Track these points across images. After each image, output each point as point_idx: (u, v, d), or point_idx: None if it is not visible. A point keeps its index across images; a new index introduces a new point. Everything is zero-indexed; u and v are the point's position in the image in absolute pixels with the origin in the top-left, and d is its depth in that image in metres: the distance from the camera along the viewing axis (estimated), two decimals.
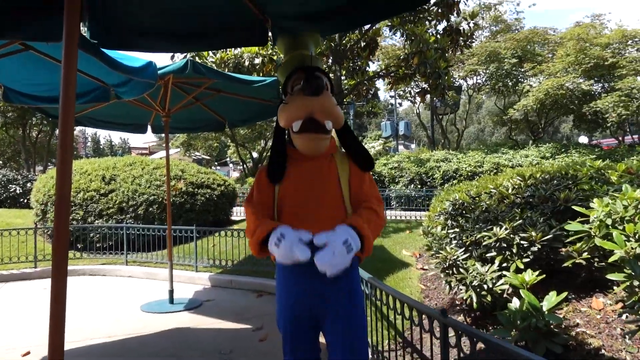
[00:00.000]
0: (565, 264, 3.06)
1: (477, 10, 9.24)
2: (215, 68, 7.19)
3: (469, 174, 13.87)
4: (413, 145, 43.26)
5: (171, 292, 5.55)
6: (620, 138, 20.51)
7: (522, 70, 21.84)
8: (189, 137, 33.89)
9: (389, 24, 9.84)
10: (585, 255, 3.02)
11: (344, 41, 9.34)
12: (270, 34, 2.65)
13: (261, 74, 8.71)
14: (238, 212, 12.49)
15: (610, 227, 2.66)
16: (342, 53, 9.33)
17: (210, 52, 8.40)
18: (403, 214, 12.72)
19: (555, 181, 3.67)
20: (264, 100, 5.67)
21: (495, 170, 13.53)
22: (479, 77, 24.32)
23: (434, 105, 26.14)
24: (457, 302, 3.79)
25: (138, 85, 3.61)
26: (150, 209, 8.89)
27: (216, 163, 46.80)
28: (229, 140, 31.68)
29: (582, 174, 3.76)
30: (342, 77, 10.00)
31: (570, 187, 3.52)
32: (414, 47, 8.69)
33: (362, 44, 9.84)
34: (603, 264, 2.89)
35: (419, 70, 8.74)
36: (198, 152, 39.08)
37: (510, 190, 3.83)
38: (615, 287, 2.92)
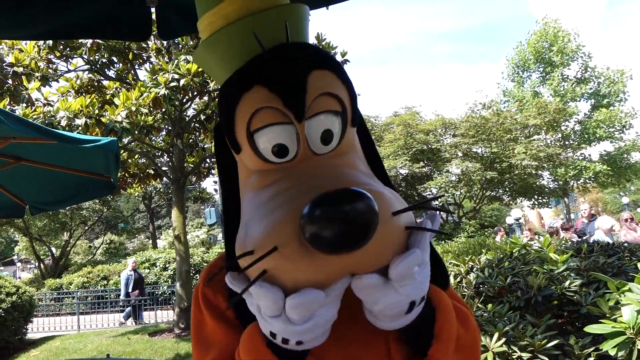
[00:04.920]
0: None
1: None
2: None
3: None
4: None
5: None
6: (443, 216, 22.49)
7: None
8: None
9: None
10: None
11: (186, 108, 8.05)
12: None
13: None
14: (37, 327, 9.59)
15: None
16: (184, 124, 8.00)
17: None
18: None
19: (507, 262, 2.96)
20: (92, 173, 4.11)
21: None
22: None
23: None
24: None
25: None
26: None
27: None
28: (19, 234, 25.62)
29: (532, 253, 3.14)
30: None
31: (531, 270, 2.81)
32: None
33: (202, 117, 8.74)
34: None
35: None
36: None
37: (452, 280, 3.00)
38: None
